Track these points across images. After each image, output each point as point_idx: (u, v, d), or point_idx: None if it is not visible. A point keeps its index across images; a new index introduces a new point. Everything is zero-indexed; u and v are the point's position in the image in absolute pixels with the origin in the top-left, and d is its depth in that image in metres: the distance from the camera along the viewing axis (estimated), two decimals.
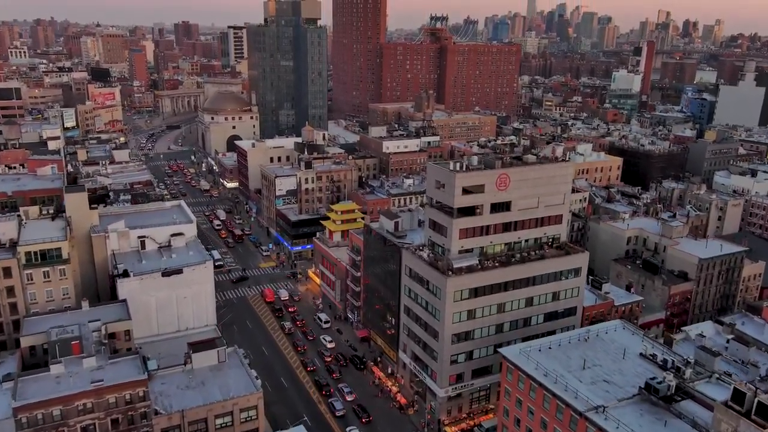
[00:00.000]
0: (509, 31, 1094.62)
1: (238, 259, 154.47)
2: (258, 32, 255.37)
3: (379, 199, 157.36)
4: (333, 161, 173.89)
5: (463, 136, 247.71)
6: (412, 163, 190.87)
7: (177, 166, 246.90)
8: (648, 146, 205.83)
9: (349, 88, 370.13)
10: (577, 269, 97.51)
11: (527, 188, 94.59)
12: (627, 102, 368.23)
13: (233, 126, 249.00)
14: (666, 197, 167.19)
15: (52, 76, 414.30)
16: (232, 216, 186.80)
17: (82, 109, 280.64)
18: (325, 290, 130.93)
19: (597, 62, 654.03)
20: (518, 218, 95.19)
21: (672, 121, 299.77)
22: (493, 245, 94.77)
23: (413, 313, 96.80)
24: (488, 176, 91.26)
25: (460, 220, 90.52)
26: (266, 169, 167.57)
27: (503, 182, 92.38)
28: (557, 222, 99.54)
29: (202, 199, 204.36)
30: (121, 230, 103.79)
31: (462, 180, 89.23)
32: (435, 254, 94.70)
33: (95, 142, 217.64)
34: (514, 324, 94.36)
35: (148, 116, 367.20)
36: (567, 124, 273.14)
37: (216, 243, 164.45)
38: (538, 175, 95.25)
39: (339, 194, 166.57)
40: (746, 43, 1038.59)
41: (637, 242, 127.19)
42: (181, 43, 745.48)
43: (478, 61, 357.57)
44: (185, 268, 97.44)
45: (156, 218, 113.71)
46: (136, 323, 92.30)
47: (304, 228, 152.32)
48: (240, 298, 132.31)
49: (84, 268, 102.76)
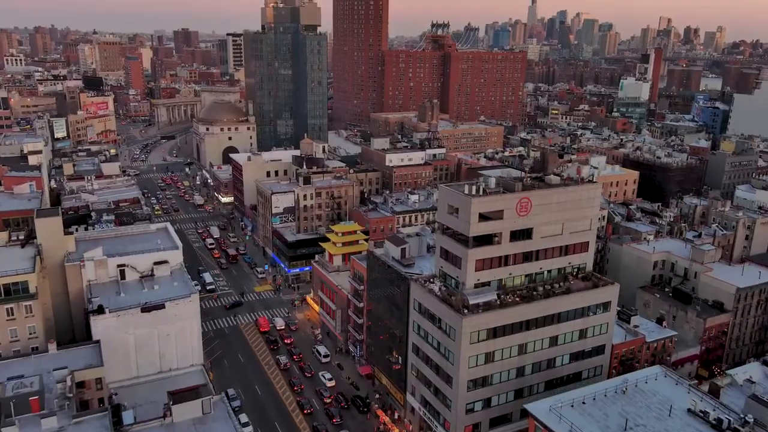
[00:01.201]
0: (510, 38, 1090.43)
1: (232, 281, 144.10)
2: (255, 39, 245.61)
3: (382, 217, 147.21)
4: (333, 176, 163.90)
5: (469, 147, 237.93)
6: (416, 177, 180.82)
7: (171, 178, 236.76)
8: (664, 158, 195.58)
9: (349, 97, 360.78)
10: (607, 303, 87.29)
11: (551, 213, 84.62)
12: (635, 110, 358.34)
13: (229, 137, 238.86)
14: (688, 214, 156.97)
15: (46, 84, 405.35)
16: (226, 233, 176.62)
17: (74, 119, 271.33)
18: (325, 319, 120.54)
19: (601, 69, 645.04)
20: (540, 247, 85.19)
21: (684, 130, 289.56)
22: (512, 277, 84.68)
23: (423, 353, 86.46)
24: (508, 200, 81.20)
25: (477, 250, 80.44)
26: (262, 184, 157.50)
27: (524, 207, 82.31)
28: (583, 250, 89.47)
29: (195, 215, 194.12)
30: (99, 258, 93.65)
31: (479, 205, 79.18)
32: (447, 287, 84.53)
33: (84, 154, 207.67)
34: (536, 366, 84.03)
35: (143, 126, 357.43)
36: (576, 134, 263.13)
37: (208, 264, 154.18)
38: (562, 198, 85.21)
39: (339, 211, 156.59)
40: (748, 49, 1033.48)
41: (665, 267, 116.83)
42: (181, 50, 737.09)
43: (483, 68, 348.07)
44: (168, 303, 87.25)
45: (139, 243, 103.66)
46: (112, 365, 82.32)
47: (302, 249, 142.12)
48: (232, 328, 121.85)
49: (57, 302, 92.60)
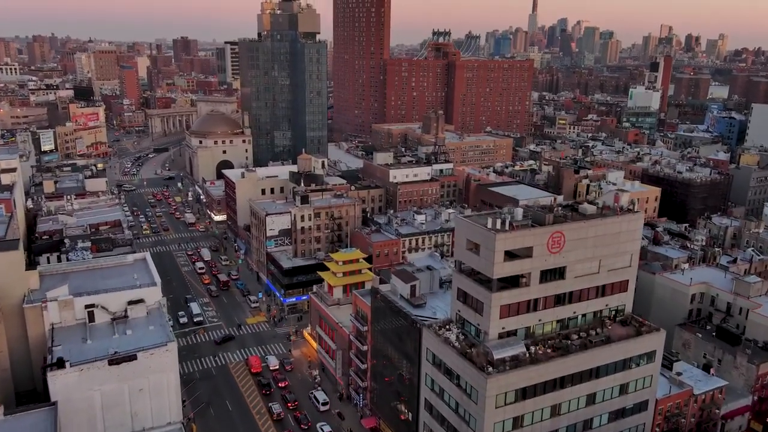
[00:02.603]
0: (511, 46, 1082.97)
1: (222, 312, 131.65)
2: (251, 48, 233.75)
3: (387, 240, 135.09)
4: (333, 194, 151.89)
5: (476, 160, 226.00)
6: (423, 194, 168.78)
7: (162, 194, 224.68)
8: (686, 173, 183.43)
9: (350, 107, 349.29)
10: (651, 353, 75.13)
11: (586, 249, 72.69)
12: (645, 120, 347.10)
13: (223, 150, 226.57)
14: (718, 236, 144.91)
15: (39, 94, 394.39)
16: (218, 255, 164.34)
17: (62, 130, 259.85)
18: (323, 358, 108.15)
19: (606, 78, 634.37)
20: (574, 287, 73.34)
21: (699, 141, 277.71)
22: (542, 324, 72.68)
23: (437, 412, 74.16)
24: (538, 235, 69.19)
25: (502, 294, 68.47)
26: (256, 204, 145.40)
27: (557, 243, 70.30)
28: (622, 290, 77.57)
29: (185, 234, 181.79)
30: (64, 298, 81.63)
31: (504, 242, 67.18)
32: (466, 335, 72.45)
33: (69, 169, 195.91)
34: (571, 428, 71.94)
35: (136, 137, 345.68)
36: (588, 146, 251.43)
37: (197, 290, 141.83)
38: (599, 231, 73.17)
39: (340, 233, 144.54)
40: (751, 57, 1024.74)
41: (703, 300, 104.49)
42: (180, 59, 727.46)
43: (488, 77, 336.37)
44: (141, 353, 75.10)
45: (112, 278, 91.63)
46: (74, 427, 70.41)
47: (300, 276, 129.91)
48: (220, 368, 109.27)
49: (15, 348, 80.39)
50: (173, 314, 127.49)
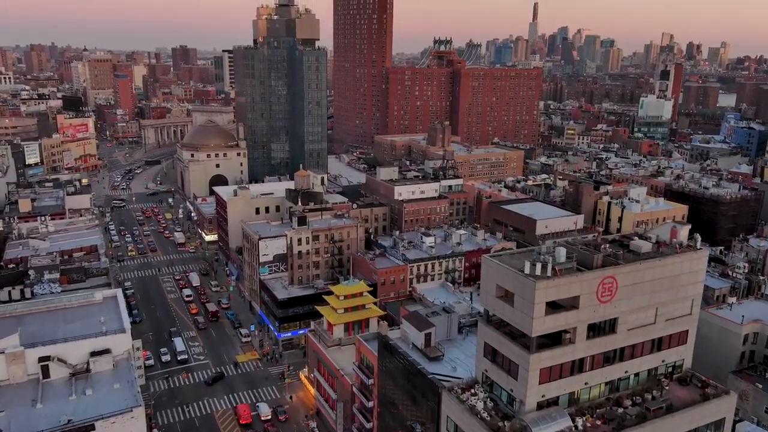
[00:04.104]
0: (512, 55, 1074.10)
1: (210, 348, 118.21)
2: (246, 55, 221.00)
3: (393, 266, 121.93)
4: (333, 214, 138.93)
5: (485, 174, 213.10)
6: (430, 212, 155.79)
7: (151, 210, 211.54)
8: (713, 189, 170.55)
9: (351, 116, 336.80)
10: (719, 422, 61.90)
11: (642, 295, 60.02)
12: (657, 130, 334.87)
13: (217, 164, 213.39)
14: (756, 260, 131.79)
15: (31, 103, 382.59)
16: (208, 280, 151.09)
17: (48, 142, 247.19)
18: (322, 407, 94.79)
19: (612, 86, 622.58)
20: (627, 342, 60.58)
21: (716, 153, 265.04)
22: (589, 387, 59.53)
23: None
24: (586, 282, 56.27)
25: (542, 355, 55.53)
26: (248, 226, 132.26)
27: (608, 290, 57.42)
28: (681, 342, 64.63)
29: (174, 256, 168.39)
30: (12, 351, 68.63)
31: (547, 291, 54.22)
32: (496, 401, 59.32)
33: (50, 185, 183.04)
34: None
35: (128, 149, 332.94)
36: (602, 158, 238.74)
37: (183, 322, 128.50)
38: (657, 274, 60.31)
39: (341, 257, 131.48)
40: (753, 65, 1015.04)
41: (757, 341, 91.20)
42: (179, 67, 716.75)
43: (495, 86, 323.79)
44: (100, 422, 62.02)
45: (76, 321, 78.70)
46: None
47: (296, 308, 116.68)
48: (205, 418, 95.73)
49: None
50: (155, 351, 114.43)
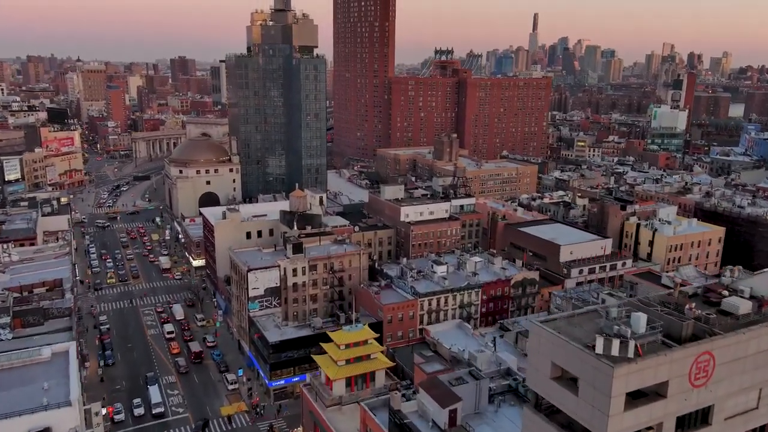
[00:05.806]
0: (513, 65, 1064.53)
1: (191, 396, 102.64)
2: (239, 64, 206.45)
3: (401, 302, 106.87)
4: (333, 239, 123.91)
5: (497, 191, 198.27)
6: (440, 235, 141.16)
7: (137, 231, 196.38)
8: (749, 208, 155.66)
9: (352, 128, 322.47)
10: None
11: (743, 374, 44.61)
12: (671, 142, 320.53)
13: (207, 181, 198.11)
14: None
15: (20, 116, 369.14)
16: (193, 312, 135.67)
17: (30, 157, 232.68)
18: None
19: (618, 96, 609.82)
20: None
21: (738, 166, 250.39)
22: None
23: None
24: (677, 362, 40.98)
25: None
26: (237, 255, 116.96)
27: (703, 370, 42.21)
28: None
29: (158, 284, 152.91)
30: None
31: (628, 379, 38.97)
32: None
33: (26, 204, 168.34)
34: None
35: (118, 163, 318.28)
36: (620, 173, 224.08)
37: (162, 365, 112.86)
38: (763, 344, 45.01)
39: (342, 289, 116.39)
40: (755, 75, 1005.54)
41: None
42: (177, 78, 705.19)
43: (503, 96, 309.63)
44: None
45: (14, 387, 63.53)
46: None
47: (290, 351, 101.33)
48: None
49: None
50: (127, 403, 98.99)
